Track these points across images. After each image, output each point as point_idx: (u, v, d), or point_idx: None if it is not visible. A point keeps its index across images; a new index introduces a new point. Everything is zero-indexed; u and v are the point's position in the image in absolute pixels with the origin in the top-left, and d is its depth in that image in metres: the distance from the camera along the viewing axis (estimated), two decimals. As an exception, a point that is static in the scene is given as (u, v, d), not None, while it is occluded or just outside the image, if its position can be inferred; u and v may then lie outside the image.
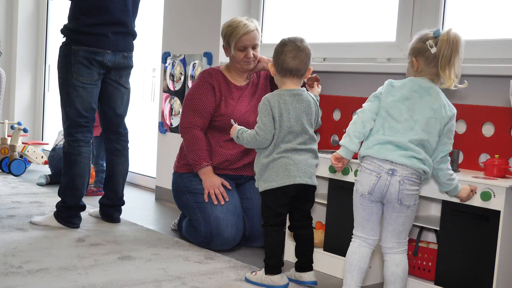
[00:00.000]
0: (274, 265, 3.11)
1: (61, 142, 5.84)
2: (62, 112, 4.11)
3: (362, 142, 2.76)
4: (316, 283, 3.16)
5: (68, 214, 4.06)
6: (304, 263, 3.18)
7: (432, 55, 2.66)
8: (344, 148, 2.72)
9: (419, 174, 2.66)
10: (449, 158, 2.75)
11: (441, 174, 2.76)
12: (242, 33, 3.78)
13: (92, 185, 5.35)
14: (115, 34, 4.08)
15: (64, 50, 4.04)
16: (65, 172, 4.07)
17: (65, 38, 4.07)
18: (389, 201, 2.68)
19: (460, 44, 2.64)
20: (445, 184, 2.79)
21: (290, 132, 3.07)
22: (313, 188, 3.14)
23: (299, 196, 3.12)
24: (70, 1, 4.09)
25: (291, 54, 3.08)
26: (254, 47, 3.81)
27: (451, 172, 2.77)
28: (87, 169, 4.11)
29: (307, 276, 3.16)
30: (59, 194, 4.10)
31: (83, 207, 4.14)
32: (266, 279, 3.10)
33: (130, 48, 4.21)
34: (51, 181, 5.68)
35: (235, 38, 3.79)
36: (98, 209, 4.37)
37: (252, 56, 3.81)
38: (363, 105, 2.77)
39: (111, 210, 4.31)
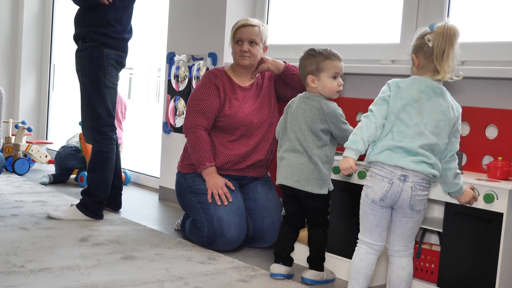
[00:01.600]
0: (275, 254, 3.35)
1: (72, 141, 5.86)
2: (88, 112, 4.31)
3: None
4: (310, 281, 3.22)
5: (98, 207, 4.34)
6: (309, 259, 3.30)
7: (430, 50, 2.65)
8: (358, 152, 2.67)
9: (429, 178, 2.65)
10: (456, 157, 2.73)
11: (450, 174, 2.73)
12: (240, 24, 3.84)
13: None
14: (129, 39, 4.46)
15: (95, 53, 4.25)
16: (97, 169, 4.33)
17: (90, 41, 4.25)
18: (400, 207, 2.66)
19: (455, 36, 2.62)
20: (451, 184, 2.77)
21: (291, 130, 3.25)
22: (304, 193, 3.21)
23: (297, 198, 3.27)
24: (88, 8, 4.29)
25: None
26: (251, 42, 3.82)
27: (459, 171, 2.76)
28: (114, 164, 4.46)
29: (305, 273, 3.26)
30: (90, 191, 4.33)
31: (107, 199, 4.46)
32: None
33: None
34: (54, 180, 5.68)
35: (234, 29, 3.89)
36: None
37: (247, 50, 3.82)
38: (372, 108, 2.71)
39: (119, 197, 4.69)
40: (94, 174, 4.34)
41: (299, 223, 3.35)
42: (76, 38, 4.34)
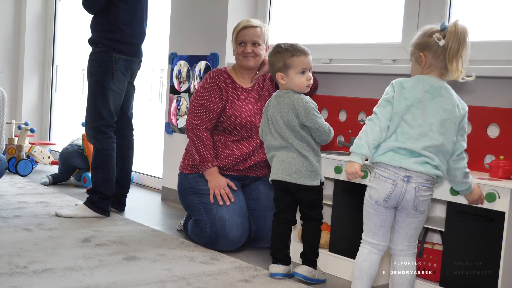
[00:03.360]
0: (271, 255, 3.34)
1: (78, 140, 5.87)
2: (92, 112, 4.44)
3: None
4: (303, 277, 3.22)
5: (105, 203, 4.47)
6: (302, 255, 3.32)
7: (440, 49, 2.62)
8: (364, 157, 2.65)
9: (433, 179, 2.64)
10: (465, 156, 2.71)
11: (459, 174, 2.71)
12: (242, 26, 3.86)
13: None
14: (142, 43, 4.58)
15: (104, 57, 4.39)
16: (101, 166, 4.45)
17: (101, 46, 4.40)
18: (404, 207, 2.65)
19: (467, 36, 2.61)
20: (461, 184, 2.75)
21: (274, 130, 3.28)
22: (296, 186, 3.23)
23: (291, 193, 3.28)
24: (97, 14, 4.45)
25: None
26: (254, 44, 3.83)
27: (468, 170, 2.73)
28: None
29: (298, 268, 3.26)
30: (96, 188, 4.46)
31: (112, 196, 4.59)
32: None
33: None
34: (53, 181, 5.68)
35: (236, 31, 3.90)
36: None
37: (250, 51, 3.83)
38: (376, 110, 2.69)
39: (124, 198, 4.79)
40: (98, 172, 4.45)
41: (289, 220, 3.34)
42: (90, 43, 4.50)
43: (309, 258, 3.27)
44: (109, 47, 4.38)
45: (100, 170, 4.44)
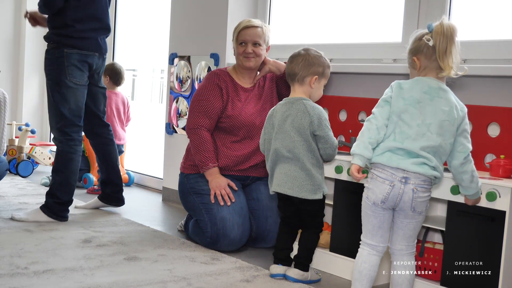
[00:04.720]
0: (274, 255, 3.35)
1: None
2: (53, 113, 4.30)
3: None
4: (293, 280, 3.21)
5: (60, 209, 4.27)
6: (295, 257, 3.30)
7: (431, 50, 2.65)
8: (362, 157, 2.65)
9: (431, 180, 2.64)
10: (471, 158, 2.69)
11: (466, 177, 2.70)
12: (243, 26, 3.85)
13: (96, 186, 5.41)
14: (102, 38, 4.42)
15: (55, 54, 4.25)
16: (59, 169, 4.28)
17: (53, 43, 4.29)
18: (402, 209, 2.65)
19: (454, 33, 2.63)
20: (467, 188, 2.74)
21: (277, 139, 3.23)
22: (298, 198, 3.21)
23: (293, 202, 3.26)
24: (53, 13, 4.31)
25: (289, 59, 3.31)
26: (255, 44, 3.83)
27: (476, 174, 2.72)
28: (79, 166, 4.39)
29: (289, 271, 3.25)
30: (52, 191, 4.28)
31: (72, 201, 4.36)
32: None
33: (107, 50, 4.54)
34: None
35: (237, 31, 3.89)
36: (100, 201, 4.68)
37: (251, 51, 3.82)
38: (373, 110, 2.71)
39: (120, 193, 4.67)
40: (57, 174, 4.29)
41: (295, 225, 3.35)
42: (44, 39, 4.39)
43: (302, 262, 3.25)
44: (60, 43, 4.23)
45: (59, 173, 4.27)
